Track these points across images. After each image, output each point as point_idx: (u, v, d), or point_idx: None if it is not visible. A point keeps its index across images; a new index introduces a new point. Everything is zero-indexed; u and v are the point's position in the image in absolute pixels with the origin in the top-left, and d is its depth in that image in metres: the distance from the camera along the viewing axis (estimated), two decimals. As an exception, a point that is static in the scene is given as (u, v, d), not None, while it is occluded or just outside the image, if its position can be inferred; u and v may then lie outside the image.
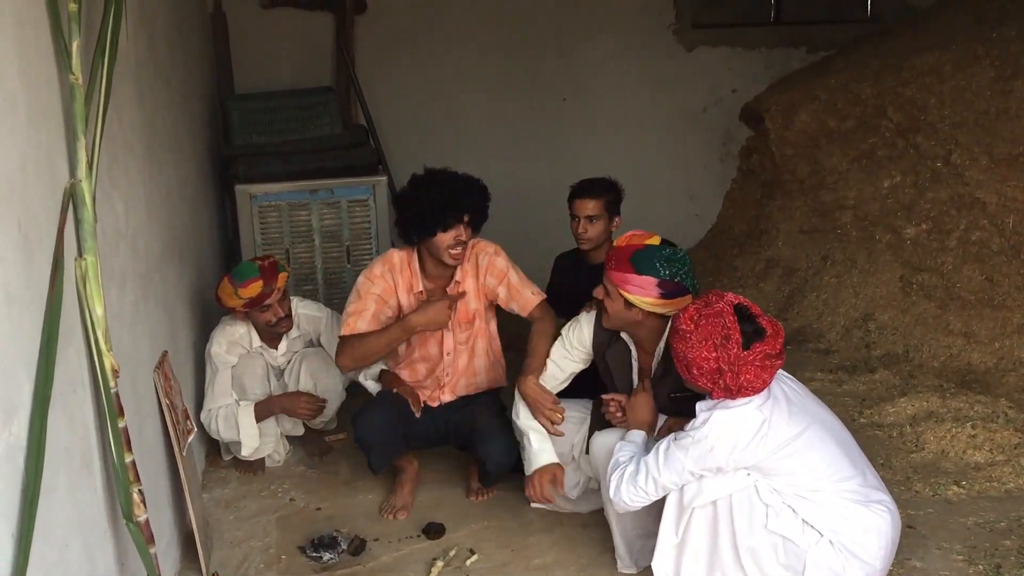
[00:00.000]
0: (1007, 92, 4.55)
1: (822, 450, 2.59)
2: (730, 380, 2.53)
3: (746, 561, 2.60)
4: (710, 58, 6.36)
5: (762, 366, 2.53)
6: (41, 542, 1.87)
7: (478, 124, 6.13)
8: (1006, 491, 3.43)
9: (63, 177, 2.20)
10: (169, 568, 3.03)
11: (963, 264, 4.68)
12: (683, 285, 2.88)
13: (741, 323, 2.54)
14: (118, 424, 2.32)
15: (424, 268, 3.46)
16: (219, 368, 3.75)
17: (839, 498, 2.58)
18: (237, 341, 3.80)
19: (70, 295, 2.17)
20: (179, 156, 3.98)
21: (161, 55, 3.71)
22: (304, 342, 3.98)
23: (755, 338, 2.54)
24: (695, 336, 2.55)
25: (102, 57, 2.33)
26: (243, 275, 3.67)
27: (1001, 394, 4.10)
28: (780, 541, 2.57)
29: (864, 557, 2.56)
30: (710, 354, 2.53)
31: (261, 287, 3.64)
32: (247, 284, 3.64)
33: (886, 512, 2.60)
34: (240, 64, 5.67)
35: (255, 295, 3.64)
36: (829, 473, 2.58)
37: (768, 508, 2.57)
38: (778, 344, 2.56)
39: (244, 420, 3.71)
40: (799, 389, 2.74)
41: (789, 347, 4.93)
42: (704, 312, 2.57)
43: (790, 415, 2.58)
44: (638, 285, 2.87)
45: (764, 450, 2.54)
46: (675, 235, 6.18)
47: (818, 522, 2.56)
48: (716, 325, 2.53)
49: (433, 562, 3.18)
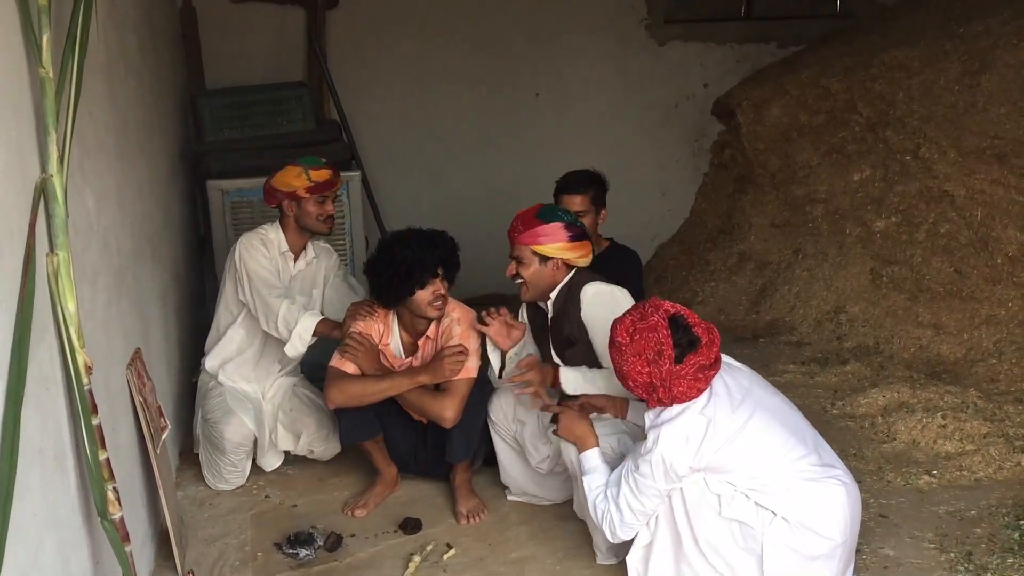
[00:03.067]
0: (974, 87, 4.61)
1: (769, 434, 2.62)
2: (663, 394, 2.60)
3: (707, 550, 2.63)
4: (682, 53, 6.38)
5: (695, 378, 2.58)
6: (15, 541, 1.85)
7: (451, 118, 6.12)
8: (976, 480, 3.48)
9: (34, 172, 2.18)
10: (144, 566, 3.01)
11: (932, 256, 4.74)
12: (584, 230, 3.25)
13: (675, 334, 2.59)
14: (91, 421, 2.30)
15: (401, 319, 3.49)
16: (260, 259, 3.62)
17: (791, 477, 2.61)
18: (262, 244, 3.68)
19: (42, 291, 2.15)
20: (150, 152, 3.94)
21: (131, 50, 3.67)
22: (311, 278, 3.83)
23: (688, 350, 2.58)
24: (629, 350, 2.61)
25: (72, 51, 2.30)
26: (312, 162, 3.68)
27: (970, 384, 4.16)
28: (736, 526, 2.60)
29: (822, 532, 2.59)
30: (643, 368, 2.59)
31: (330, 174, 3.66)
32: (316, 169, 3.65)
33: (840, 485, 2.63)
34: (211, 59, 5.62)
35: (325, 179, 3.64)
36: (781, 455, 2.62)
37: (719, 497, 2.61)
38: (712, 353, 2.60)
39: (302, 325, 3.52)
40: (743, 377, 2.76)
41: (762, 340, 5.03)
42: (639, 326, 2.61)
43: (732, 409, 2.62)
44: (548, 233, 3.15)
45: (713, 447, 2.58)
46: (648, 230, 6.38)
47: (771, 503, 2.59)
48: (649, 340, 2.58)
49: (410, 557, 3.17)
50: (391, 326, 3.50)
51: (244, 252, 3.63)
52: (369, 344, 3.41)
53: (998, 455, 3.58)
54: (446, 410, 3.33)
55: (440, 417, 3.34)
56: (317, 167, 3.66)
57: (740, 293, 5.51)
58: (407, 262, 3.27)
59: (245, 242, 3.66)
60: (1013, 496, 3.33)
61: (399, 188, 6.04)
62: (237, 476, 3.72)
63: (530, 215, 3.22)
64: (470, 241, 3.63)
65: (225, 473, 3.70)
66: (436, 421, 3.38)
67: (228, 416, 3.64)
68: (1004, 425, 3.77)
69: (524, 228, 3.19)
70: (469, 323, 3.41)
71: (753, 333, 5.14)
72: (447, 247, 3.37)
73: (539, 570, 3.11)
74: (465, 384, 3.36)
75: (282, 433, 3.80)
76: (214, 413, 3.67)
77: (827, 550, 2.61)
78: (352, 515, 3.50)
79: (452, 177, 6.18)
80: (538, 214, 3.20)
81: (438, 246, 3.34)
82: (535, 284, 3.23)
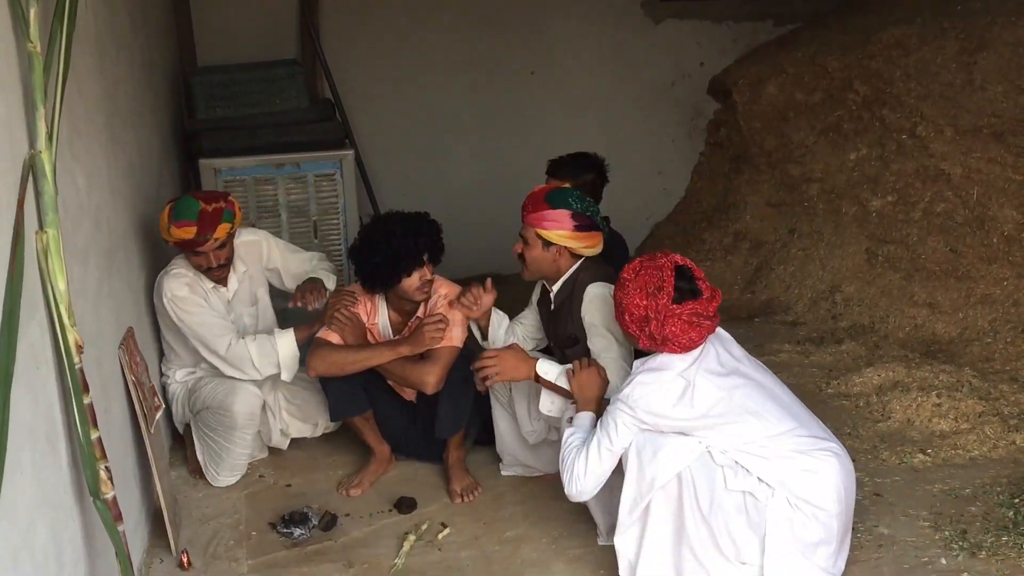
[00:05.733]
0: (971, 65, 4.58)
1: (756, 408, 2.64)
2: (655, 329, 2.62)
3: (715, 524, 2.62)
4: (678, 31, 6.34)
5: (690, 322, 2.62)
6: (6, 521, 1.84)
7: (446, 97, 6.08)
8: (971, 459, 3.48)
9: (23, 148, 2.15)
10: (138, 546, 3.01)
11: (928, 236, 4.72)
12: (594, 220, 3.13)
13: (678, 280, 2.66)
14: (83, 401, 2.29)
15: (388, 299, 3.49)
16: (194, 309, 3.41)
17: (783, 450, 2.63)
18: (189, 289, 3.44)
19: (31, 270, 2.13)
20: (141, 130, 3.90)
21: (122, 26, 3.63)
22: (248, 289, 3.65)
23: (689, 296, 2.64)
24: (632, 284, 2.68)
25: (61, 25, 2.27)
26: (181, 213, 3.30)
27: (965, 363, 4.16)
28: (742, 498, 2.61)
29: (816, 503, 2.60)
30: (641, 301, 2.65)
31: (194, 234, 3.29)
32: (181, 224, 3.28)
33: (832, 456, 2.65)
34: (203, 36, 5.57)
35: (185, 239, 3.31)
36: (767, 429, 2.63)
37: (723, 469, 2.62)
38: (711, 307, 2.66)
39: (284, 350, 3.43)
40: (735, 348, 2.81)
41: (757, 319, 5.02)
42: (646, 264, 2.70)
43: (719, 376, 2.66)
44: (553, 219, 3.09)
45: (694, 411, 2.61)
46: (644, 210, 6.36)
47: (768, 476, 2.61)
48: (653, 276, 2.66)
49: (405, 536, 3.17)
50: (378, 306, 3.49)
51: (177, 310, 3.41)
52: (357, 320, 3.40)
53: (993, 434, 3.58)
54: (427, 374, 3.31)
55: (421, 382, 3.33)
56: (181, 222, 3.27)
57: (735, 273, 5.50)
58: (393, 251, 3.25)
59: (172, 296, 3.41)
60: (1007, 474, 3.33)
61: (393, 167, 6.01)
62: (244, 458, 3.58)
63: (540, 196, 3.16)
64: (464, 220, 3.63)
65: (234, 458, 3.52)
66: (418, 387, 3.37)
67: (233, 391, 3.45)
68: (999, 404, 3.77)
69: (532, 209, 3.14)
70: (454, 297, 3.41)
71: (748, 313, 5.13)
72: (431, 232, 3.34)
73: (534, 549, 3.11)
74: (448, 352, 3.34)
75: (293, 423, 3.71)
76: (215, 397, 3.49)
77: (824, 534, 2.62)
78: (347, 495, 3.49)
79: (447, 155, 6.15)
80: (547, 197, 3.14)
81: (422, 233, 3.31)
82: (535, 267, 3.21)
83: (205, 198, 3.37)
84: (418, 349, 3.32)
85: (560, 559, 3.06)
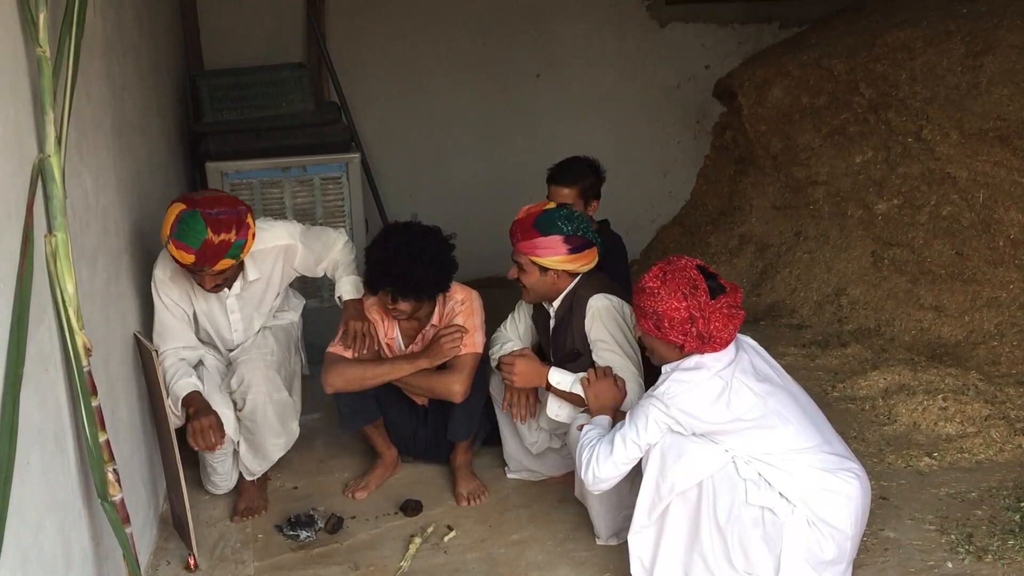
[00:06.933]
0: (977, 67, 4.58)
1: (788, 417, 2.63)
2: (702, 327, 2.59)
3: (729, 535, 2.61)
4: (683, 34, 6.34)
5: (729, 315, 2.62)
6: (15, 523, 1.85)
7: (452, 99, 6.09)
8: (977, 462, 3.47)
9: (31, 152, 2.17)
10: (145, 547, 3.01)
11: (934, 239, 4.72)
12: (587, 238, 3.08)
13: (705, 277, 2.65)
14: (91, 403, 2.30)
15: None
16: (164, 300, 3.21)
17: (808, 467, 2.61)
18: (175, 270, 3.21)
19: (40, 273, 2.14)
20: (149, 133, 3.92)
21: (129, 30, 3.64)
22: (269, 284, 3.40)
23: (719, 291, 2.65)
24: (663, 290, 2.62)
25: (69, 30, 2.29)
26: (184, 234, 2.95)
27: (971, 367, 4.15)
28: (761, 513, 2.59)
29: (835, 524, 2.59)
30: (680, 303, 2.60)
31: (191, 263, 3.02)
32: (180, 247, 2.97)
33: (855, 479, 2.64)
34: (210, 40, 5.58)
35: (179, 262, 3.05)
36: (796, 441, 2.62)
37: (747, 482, 2.60)
38: (738, 298, 2.67)
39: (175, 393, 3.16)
40: (767, 360, 2.80)
41: (762, 323, 5.02)
42: (668, 269, 2.67)
43: (756, 380, 2.64)
44: (546, 246, 3.05)
45: (730, 414, 2.59)
46: (649, 212, 6.36)
47: (790, 492, 2.59)
48: (683, 278, 2.63)
49: (411, 539, 3.18)
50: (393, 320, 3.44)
51: (154, 289, 3.22)
52: (371, 334, 3.40)
53: (999, 437, 3.58)
54: (454, 384, 3.28)
55: (449, 392, 3.29)
56: (181, 245, 2.96)
57: (741, 276, 5.49)
58: (370, 266, 3.21)
59: (156, 276, 3.22)
60: (1014, 478, 3.33)
61: (399, 169, 6.02)
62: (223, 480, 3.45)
63: (528, 223, 3.08)
64: (470, 222, 3.62)
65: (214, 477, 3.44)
66: (445, 398, 3.33)
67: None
68: (1005, 407, 3.77)
69: (522, 236, 3.09)
70: (471, 302, 3.38)
71: (754, 316, 5.13)
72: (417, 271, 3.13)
73: (539, 551, 3.12)
74: (472, 359, 3.31)
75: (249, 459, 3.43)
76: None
77: (837, 554, 2.61)
78: (353, 497, 3.50)
79: (453, 158, 6.16)
80: (535, 224, 3.06)
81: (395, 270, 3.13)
82: (536, 290, 3.19)
83: (215, 225, 2.96)
84: (437, 361, 3.28)
85: (566, 562, 3.06)
